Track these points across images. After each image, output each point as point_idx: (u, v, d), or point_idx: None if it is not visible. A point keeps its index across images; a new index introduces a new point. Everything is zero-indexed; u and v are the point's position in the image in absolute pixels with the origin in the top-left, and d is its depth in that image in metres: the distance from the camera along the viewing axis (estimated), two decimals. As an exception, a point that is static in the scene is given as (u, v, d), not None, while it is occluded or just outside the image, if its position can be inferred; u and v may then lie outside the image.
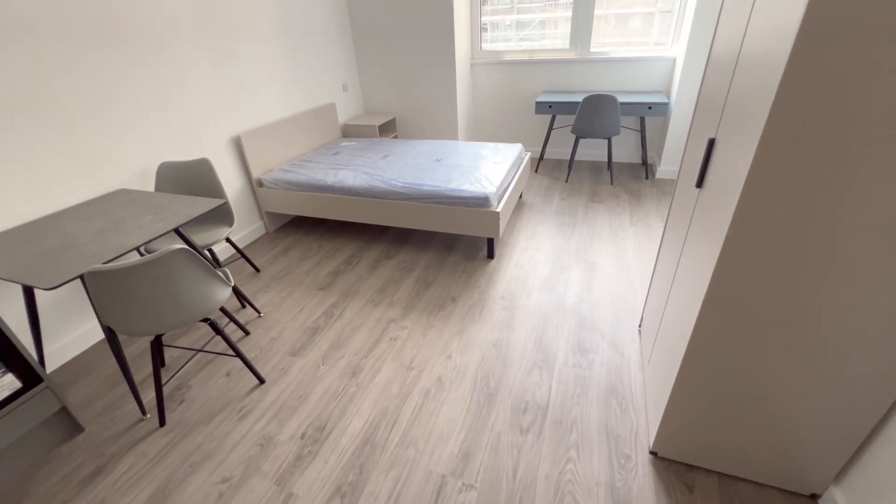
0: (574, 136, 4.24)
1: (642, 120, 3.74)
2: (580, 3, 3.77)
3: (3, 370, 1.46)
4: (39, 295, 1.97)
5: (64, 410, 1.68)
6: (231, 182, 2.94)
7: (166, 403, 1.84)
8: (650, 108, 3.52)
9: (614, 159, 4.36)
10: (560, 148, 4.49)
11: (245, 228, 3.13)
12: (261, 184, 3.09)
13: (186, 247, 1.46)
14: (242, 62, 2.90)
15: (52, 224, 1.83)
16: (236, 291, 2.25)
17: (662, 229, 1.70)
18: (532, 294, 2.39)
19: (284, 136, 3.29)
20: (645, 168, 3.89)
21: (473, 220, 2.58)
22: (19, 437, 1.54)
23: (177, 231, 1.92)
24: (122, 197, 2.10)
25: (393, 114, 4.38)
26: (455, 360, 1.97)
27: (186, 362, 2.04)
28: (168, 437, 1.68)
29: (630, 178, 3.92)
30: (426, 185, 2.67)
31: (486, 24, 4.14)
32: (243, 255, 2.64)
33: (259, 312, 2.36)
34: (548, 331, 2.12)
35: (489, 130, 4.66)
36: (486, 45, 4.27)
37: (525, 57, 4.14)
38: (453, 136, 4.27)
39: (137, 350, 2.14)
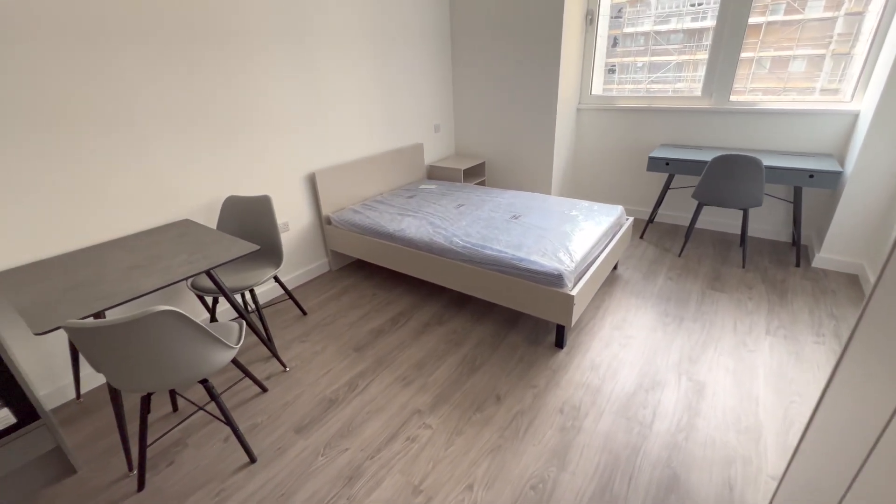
0: (696, 202, 3.45)
1: (797, 190, 2.85)
2: (722, 41, 3.09)
3: (0, 403, 1.41)
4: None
5: (59, 449, 1.61)
6: (301, 217, 2.90)
7: (158, 459, 1.68)
8: (812, 176, 2.65)
9: (751, 233, 3.44)
10: (677, 210, 3.72)
11: (310, 263, 3.06)
12: (329, 222, 3.01)
13: (173, 309, 1.27)
14: (331, 100, 2.88)
15: (101, 252, 1.86)
16: (264, 341, 2.08)
17: (840, 352, 1.03)
18: (604, 415, 1.79)
19: (363, 174, 3.20)
20: (796, 251, 2.94)
21: (541, 299, 2.08)
22: (9, 472, 1.48)
23: (208, 273, 1.81)
24: (179, 229, 2.10)
25: (483, 157, 4.10)
26: (477, 495, 1.49)
27: (188, 416, 1.90)
28: (138, 509, 1.50)
29: (772, 262, 3.00)
30: (490, 248, 2.26)
31: (613, 65, 3.65)
32: (291, 297, 2.52)
33: (285, 367, 2.17)
34: (616, 481, 1.51)
35: (588, 186, 4.09)
36: (600, 89, 3.78)
37: (643, 104, 3.55)
38: (545, 188, 3.81)
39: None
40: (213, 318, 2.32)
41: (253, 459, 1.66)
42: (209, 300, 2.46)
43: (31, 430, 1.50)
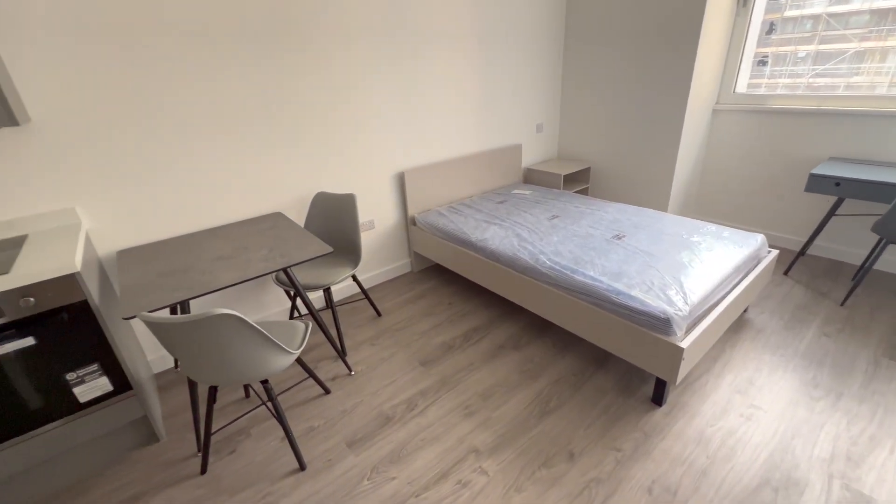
0: (878, 238, 2.61)
1: None
2: (948, 24, 2.26)
3: (99, 372, 1.57)
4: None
5: (146, 418, 1.76)
6: (388, 215, 2.87)
7: (223, 445, 1.75)
8: None
9: (962, 285, 2.51)
10: (843, 244, 2.89)
11: (392, 262, 3.03)
12: (414, 223, 2.93)
13: (233, 313, 1.25)
14: (427, 97, 2.78)
15: (201, 239, 1.99)
16: (333, 343, 2.06)
17: None
18: (709, 510, 1.39)
19: (454, 175, 3.06)
20: None
21: (640, 344, 1.71)
22: (103, 434, 1.65)
23: (284, 271, 1.82)
24: (270, 222, 2.17)
25: (588, 163, 3.67)
26: (528, 577, 1.24)
27: (256, 407, 1.95)
28: (197, 493, 1.55)
29: None
30: (581, 273, 1.94)
31: (765, 55, 2.96)
32: (367, 298, 2.49)
33: (350, 370, 2.13)
34: None
35: (718, 205, 3.40)
36: (745, 86, 3.09)
37: (807, 105, 2.80)
38: (661, 204, 3.26)
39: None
40: (293, 312, 2.38)
41: (302, 467, 1.62)
42: (292, 292, 2.55)
43: (124, 399, 1.65)
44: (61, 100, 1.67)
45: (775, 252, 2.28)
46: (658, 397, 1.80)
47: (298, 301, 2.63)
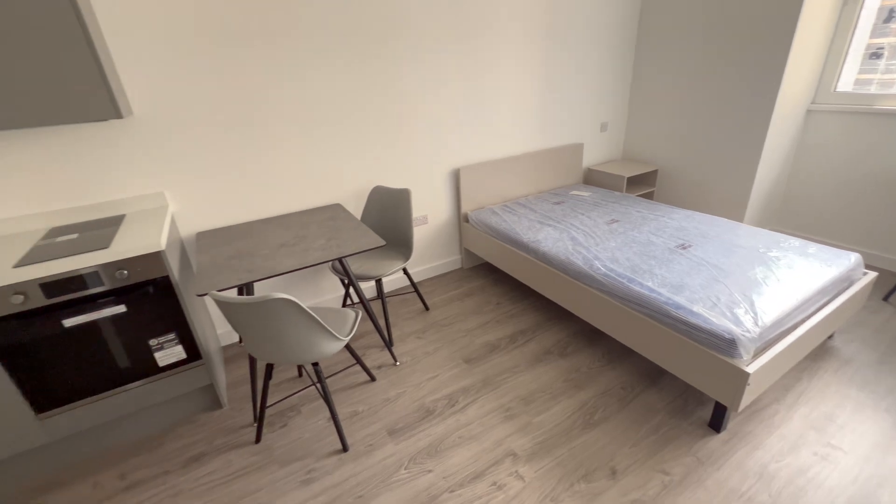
0: None
1: None
2: None
3: (175, 341, 1.75)
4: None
5: (212, 386, 1.93)
6: (442, 211, 2.90)
7: (276, 418, 1.88)
8: None
9: None
10: (964, 270, 2.47)
11: (443, 258, 3.06)
12: (466, 219, 2.93)
13: (289, 298, 1.34)
14: (488, 93, 2.76)
15: (266, 227, 2.13)
16: (381, 333, 2.13)
17: None
18: (767, 553, 1.27)
19: (511, 173, 3.02)
20: None
21: (699, 363, 1.59)
22: (174, 396, 1.84)
23: (339, 261, 1.91)
24: (329, 213, 2.28)
25: (655, 165, 3.45)
26: (558, 591, 1.21)
27: (308, 387, 2.06)
28: (251, 459, 1.69)
29: None
30: (638, 283, 1.83)
31: (880, 46, 2.60)
32: (416, 291, 2.54)
33: (395, 361, 2.19)
34: None
35: (805, 217, 3.05)
36: (850, 84, 2.74)
37: (930, 107, 2.41)
38: (736, 213, 2.99)
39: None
40: (346, 300, 2.49)
41: (345, 448, 1.70)
42: (345, 281, 2.66)
43: (194, 367, 1.82)
44: (158, 97, 1.86)
45: (873, 274, 2.00)
46: (717, 423, 1.67)
47: (352, 289, 2.74)
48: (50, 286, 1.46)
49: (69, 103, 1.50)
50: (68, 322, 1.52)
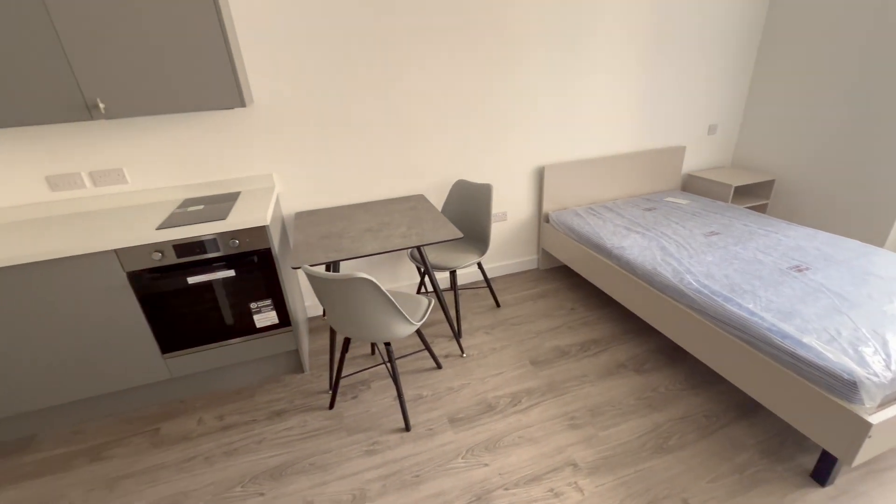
0: None
1: None
2: None
3: (271, 307, 1.96)
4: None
5: (297, 352, 2.14)
6: (522, 209, 2.86)
7: (348, 389, 2.02)
8: None
9: None
10: None
11: (519, 257, 3.03)
12: (547, 219, 2.86)
13: (370, 279, 1.43)
14: (582, 90, 2.65)
15: (355, 211, 2.29)
16: (451, 323, 2.17)
17: None
18: None
19: (599, 175, 2.87)
20: None
21: (807, 404, 1.39)
22: (265, 356, 2.07)
23: (417, 249, 1.99)
24: (412, 203, 2.38)
25: (772, 174, 3.04)
26: None
27: (378, 364, 2.18)
28: (324, 423, 1.84)
29: None
30: (736, 304, 1.64)
31: None
32: (489, 287, 2.55)
33: (462, 352, 2.23)
34: None
35: (982, 241, 2.47)
36: None
37: None
38: (873, 235, 2.53)
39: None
40: (421, 287, 2.58)
41: (408, 428, 1.78)
42: (421, 269, 2.75)
43: (284, 333, 2.03)
44: (274, 89, 2.09)
45: None
46: (822, 474, 1.45)
47: (427, 278, 2.83)
48: (181, 247, 1.72)
49: (205, 93, 1.74)
50: (191, 279, 1.78)
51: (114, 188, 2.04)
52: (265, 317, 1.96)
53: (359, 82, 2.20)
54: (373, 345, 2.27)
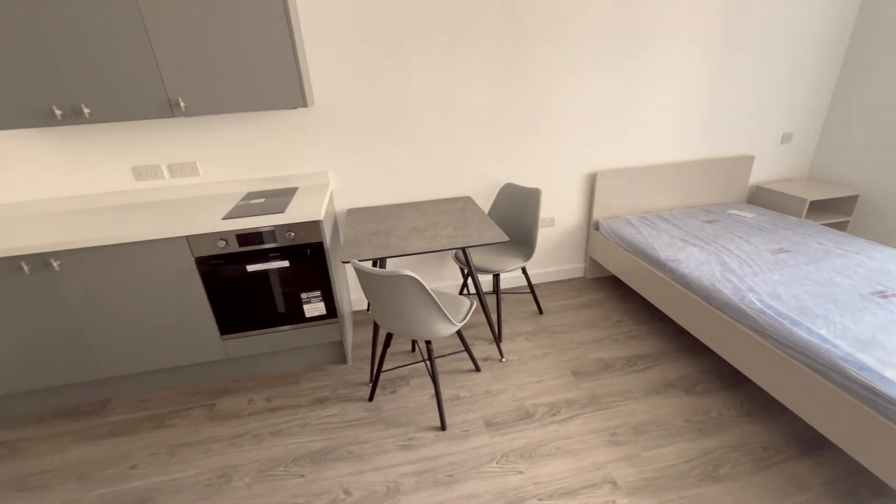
0: None
1: None
2: None
3: (320, 298, 2.05)
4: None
5: (341, 342, 2.21)
6: (571, 215, 2.80)
7: (388, 384, 2.07)
8: None
9: None
10: None
11: (565, 264, 2.96)
12: (597, 227, 2.77)
13: (414, 277, 1.46)
14: (640, 93, 2.54)
15: (404, 210, 2.34)
16: (492, 327, 2.17)
17: None
18: None
19: (654, 183, 2.75)
20: None
21: (888, 446, 1.25)
22: (312, 344, 2.16)
23: (462, 250, 2.00)
24: (460, 204, 2.39)
25: (855, 189, 2.76)
26: None
27: (418, 362, 2.21)
28: (363, 414, 1.90)
29: None
30: (805, 329, 1.51)
31: None
32: (532, 292, 2.52)
33: (502, 357, 2.21)
34: None
35: None
36: None
37: None
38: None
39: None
40: (463, 289, 2.59)
41: (443, 427, 1.79)
42: (465, 271, 2.76)
43: (330, 323, 2.12)
44: (333, 90, 2.18)
45: None
46: (899, 526, 1.29)
47: (470, 280, 2.84)
48: (242, 237, 1.84)
49: (272, 94, 1.85)
50: (250, 267, 1.90)
51: (187, 180, 2.22)
52: (314, 307, 2.05)
53: (412, 84, 2.25)
54: (413, 342, 2.31)
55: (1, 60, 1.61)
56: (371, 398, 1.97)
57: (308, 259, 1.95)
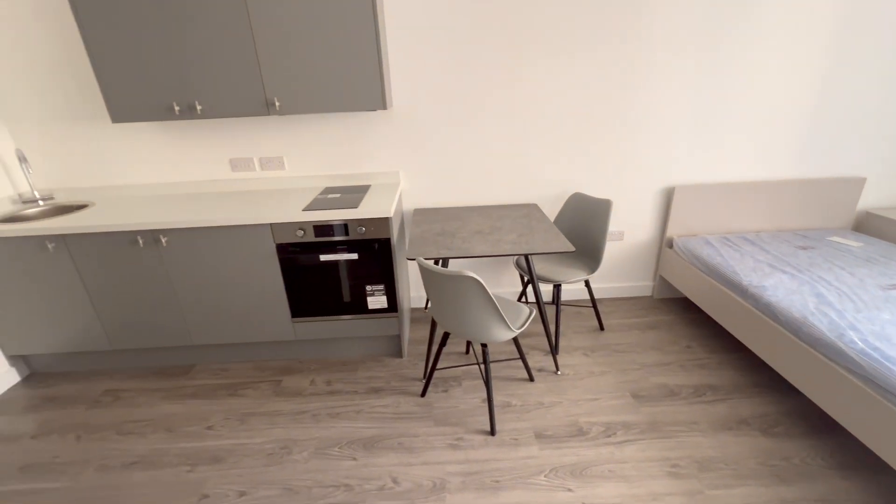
0: None
1: None
2: None
3: (383, 292, 2.13)
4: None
5: (398, 336, 2.29)
6: (641, 230, 2.67)
7: (440, 382, 2.11)
8: None
9: None
10: None
11: (631, 281, 2.82)
12: (670, 245, 2.61)
13: (476, 278, 1.48)
14: (729, 101, 2.36)
15: (469, 213, 2.37)
16: (549, 338, 2.12)
17: None
18: None
19: (741, 202, 2.53)
20: None
21: None
22: (371, 335, 2.26)
23: (525, 257, 1.98)
24: (525, 210, 2.38)
25: None
26: None
27: (472, 364, 2.22)
28: (414, 408, 1.94)
29: None
30: (924, 379, 1.31)
31: None
32: (594, 307, 2.43)
33: (557, 370, 2.15)
34: None
35: None
36: None
37: None
38: None
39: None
40: (522, 296, 2.56)
41: (493, 432, 1.79)
42: (525, 279, 2.73)
43: (390, 317, 2.20)
44: (409, 94, 2.27)
45: None
46: None
47: (529, 288, 2.80)
48: (318, 228, 1.98)
49: (356, 96, 1.97)
50: (322, 257, 2.04)
51: (274, 173, 2.43)
52: (377, 300, 2.15)
53: (486, 90, 2.28)
54: (468, 344, 2.33)
55: (141, 64, 1.88)
56: (423, 394, 2.02)
57: (375, 253, 2.04)
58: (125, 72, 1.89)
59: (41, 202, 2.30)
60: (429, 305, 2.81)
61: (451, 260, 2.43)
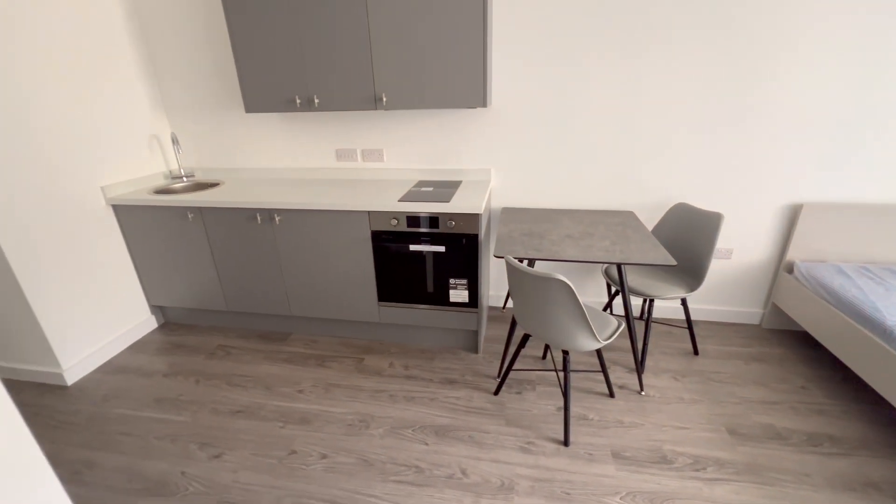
0: None
1: None
2: None
3: (465, 287, 2.17)
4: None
5: (476, 332, 2.31)
6: (754, 249, 2.38)
7: (514, 384, 2.09)
8: None
9: None
10: None
11: (738, 305, 2.54)
12: (790, 269, 2.30)
13: (567, 282, 1.44)
14: (885, 97, 2.01)
15: (560, 216, 2.30)
16: (636, 355, 1.99)
17: None
18: None
19: (887, 226, 2.15)
20: None
21: None
22: (450, 328, 2.31)
23: (617, 266, 1.88)
24: (621, 218, 2.25)
25: None
26: None
27: (549, 370, 2.16)
28: (487, 405, 1.96)
29: None
30: None
31: None
32: (690, 329, 2.24)
33: (641, 390, 2.02)
34: None
35: None
36: None
37: None
38: None
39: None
40: (608, 308, 2.44)
41: (566, 443, 1.73)
42: (613, 290, 2.59)
43: (469, 312, 2.23)
44: (507, 94, 2.27)
45: None
46: None
47: (617, 300, 2.65)
48: (411, 219, 2.06)
49: (457, 94, 2.02)
50: (412, 247, 2.13)
51: (374, 164, 2.59)
52: (459, 294, 2.19)
53: (587, 91, 2.20)
54: (546, 349, 2.28)
55: (271, 61, 2.12)
56: (497, 392, 2.02)
57: (462, 248, 2.08)
58: (259, 68, 2.14)
59: (185, 179, 2.70)
60: (506, 306, 2.80)
61: (536, 263, 2.39)
